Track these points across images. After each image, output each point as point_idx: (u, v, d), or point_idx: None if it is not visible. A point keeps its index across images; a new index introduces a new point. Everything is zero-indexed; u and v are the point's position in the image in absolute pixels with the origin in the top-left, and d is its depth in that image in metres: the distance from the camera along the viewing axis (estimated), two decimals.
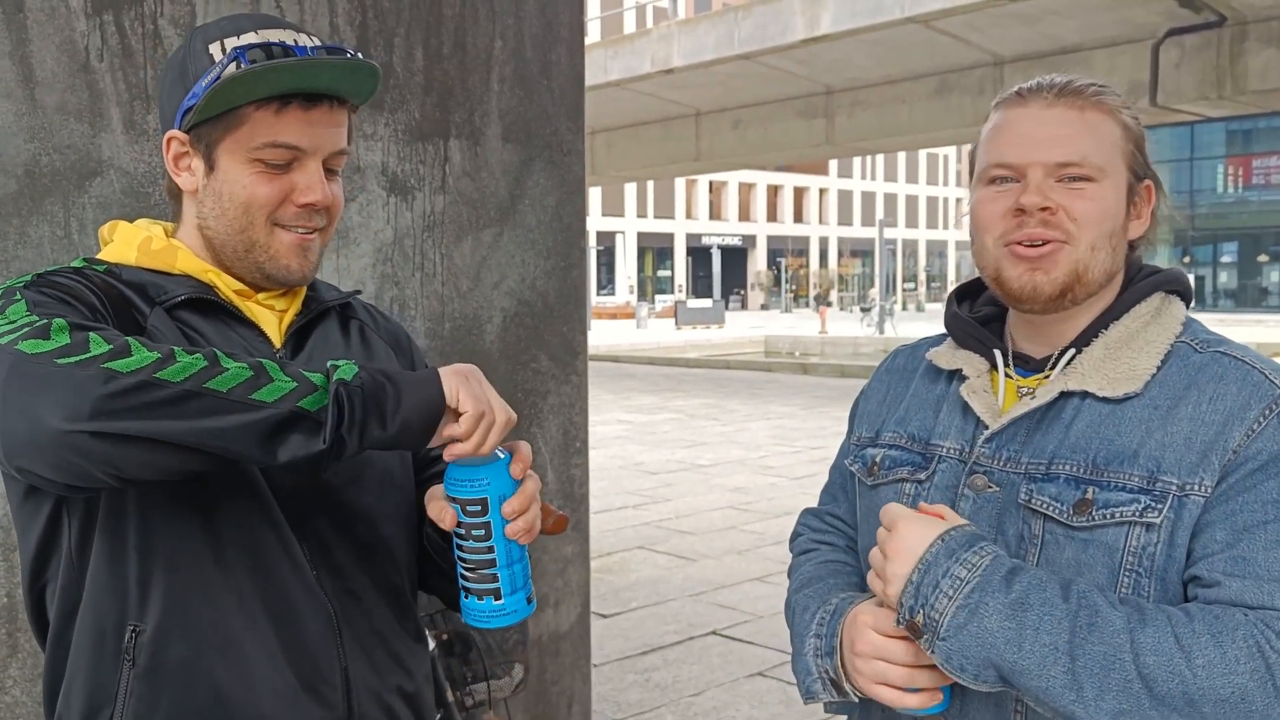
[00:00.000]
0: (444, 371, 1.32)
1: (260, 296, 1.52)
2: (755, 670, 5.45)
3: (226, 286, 1.49)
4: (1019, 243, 1.41)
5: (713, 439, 13.67)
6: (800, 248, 78.16)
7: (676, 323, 43.34)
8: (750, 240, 75.73)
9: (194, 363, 1.18)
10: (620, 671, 5.48)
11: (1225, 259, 47.88)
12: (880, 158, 79.48)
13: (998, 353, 1.49)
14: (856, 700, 1.42)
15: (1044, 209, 1.39)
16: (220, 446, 1.19)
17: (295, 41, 1.41)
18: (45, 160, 2.38)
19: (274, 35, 1.41)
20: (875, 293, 51.47)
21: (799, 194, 78.24)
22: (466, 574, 1.40)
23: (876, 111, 19.65)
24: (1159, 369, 1.38)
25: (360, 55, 1.43)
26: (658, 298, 64.52)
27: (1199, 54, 15.85)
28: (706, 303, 50.88)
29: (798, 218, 78.40)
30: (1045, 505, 1.35)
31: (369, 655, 1.50)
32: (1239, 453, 1.28)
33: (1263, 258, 46.73)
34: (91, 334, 1.18)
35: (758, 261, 76.20)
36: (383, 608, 1.53)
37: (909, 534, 1.30)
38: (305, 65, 1.38)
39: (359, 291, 1.72)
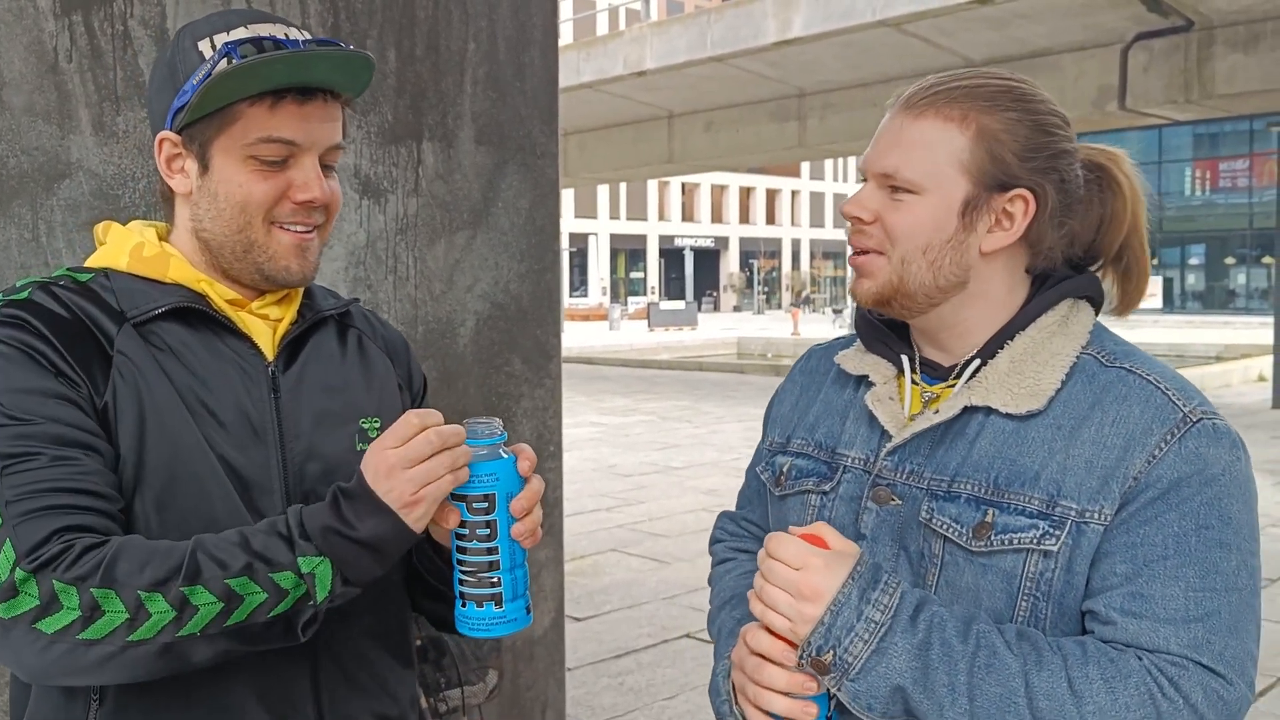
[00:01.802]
0: (387, 496, 1.28)
1: (254, 305, 1.48)
2: None
3: (219, 296, 1.45)
4: (852, 249, 1.43)
5: (685, 441, 13.68)
6: (773, 249, 78.32)
7: (649, 324, 43.32)
8: (723, 242, 75.80)
9: (164, 615, 1.21)
10: (594, 675, 5.47)
11: (1193, 261, 48.28)
12: (852, 160, 79.77)
13: (905, 358, 1.46)
14: None
15: (856, 218, 1.39)
16: (200, 667, 1.26)
17: (286, 35, 1.38)
18: (13, 162, 2.35)
19: (264, 29, 1.38)
20: (848, 294, 51.54)
21: (771, 196, 78.39)
22: (466, 578, 1.35)
23: (848, 114, 19.69)
24: (1064, 384, 1.33)
25: (352, 46, 1.40)
26: (630, 299, 64.51)
27: (1167, 58, 15.97)
28: (679, 304, 50.89)
29: (770, 219, 78.55)
30: (945, 527, 1.32)
31: (351, 680, 1.47)
32: (1139, 479, 1.25)
33: (1230, 260, 47.16)
34: (57, 584, 1.20)
35: (730, 263, 76.26)
36: (372, 630, 1.50)
37: (823, 574, 1.25)
38: (298, 58, 1.35)
39: (358, 299, 1.68)
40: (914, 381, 1.45)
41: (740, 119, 21.73)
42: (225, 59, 1.34)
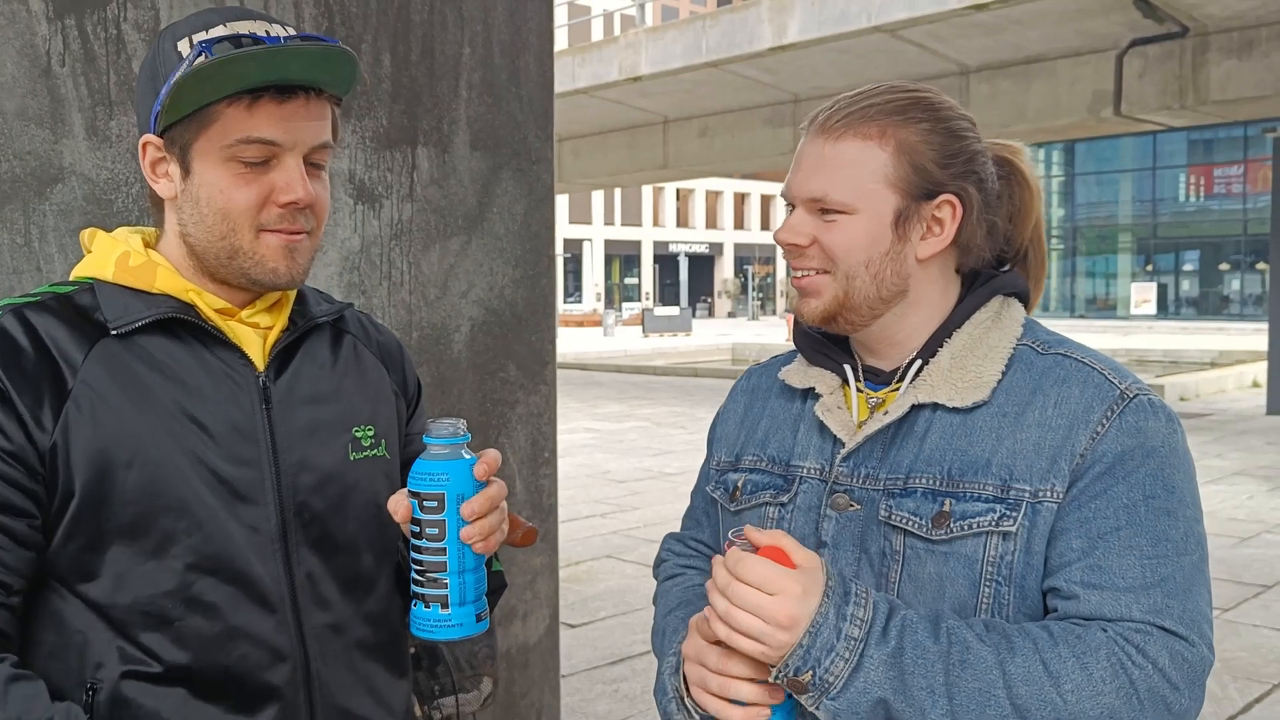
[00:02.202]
0: None
1: (244, 314, 1.45)
2: None
3: (208, 306, 1.42)
4: (792, 271, 1.46)
5: (680, 447, 13.66)
6: (767, 255, 78.34)
7: (644, 330, 43.27)
8: (717, 248, 75.85)
9: None
10: (589, 682, 5.45)
11: (1187, 267, 48.33)
12: None
13: (848, 368, 1.49)
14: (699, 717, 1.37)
15: (793, 244, 1.42)
16: None
17: (267, 32, 1.34)
18: (5, 167, 2.33)
19: (243, 27, 1.34)
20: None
21: (766, 202, 78.44)
22: (417, 578, 1.34)
23: None
24: (1004, 374, 1.38)
25: (335, 41, 1.36)
26: (625, 305, 64.46)
27: (1162, 64, 15.99)
28: (674, 310, 50.80)
29: (764, 225, 78.58)
30: (904, 520, 1.35)
31: (345, 690, 1.46)
32: (1086, 456, 1.30)
33: (1224, 266, 47.20)
34: None
35: (725, 269, 76.31)
36: (365, 640, 1.49)
37: (799, 601, 1.22)
38: (271, 54, 1.31)
39: (351, 304, 1.66)
40: (859, 389, 1.49)
41: (735, 125, 21.73)
42: (200, 57, 1.31)
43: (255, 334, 1.46)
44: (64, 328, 1.35)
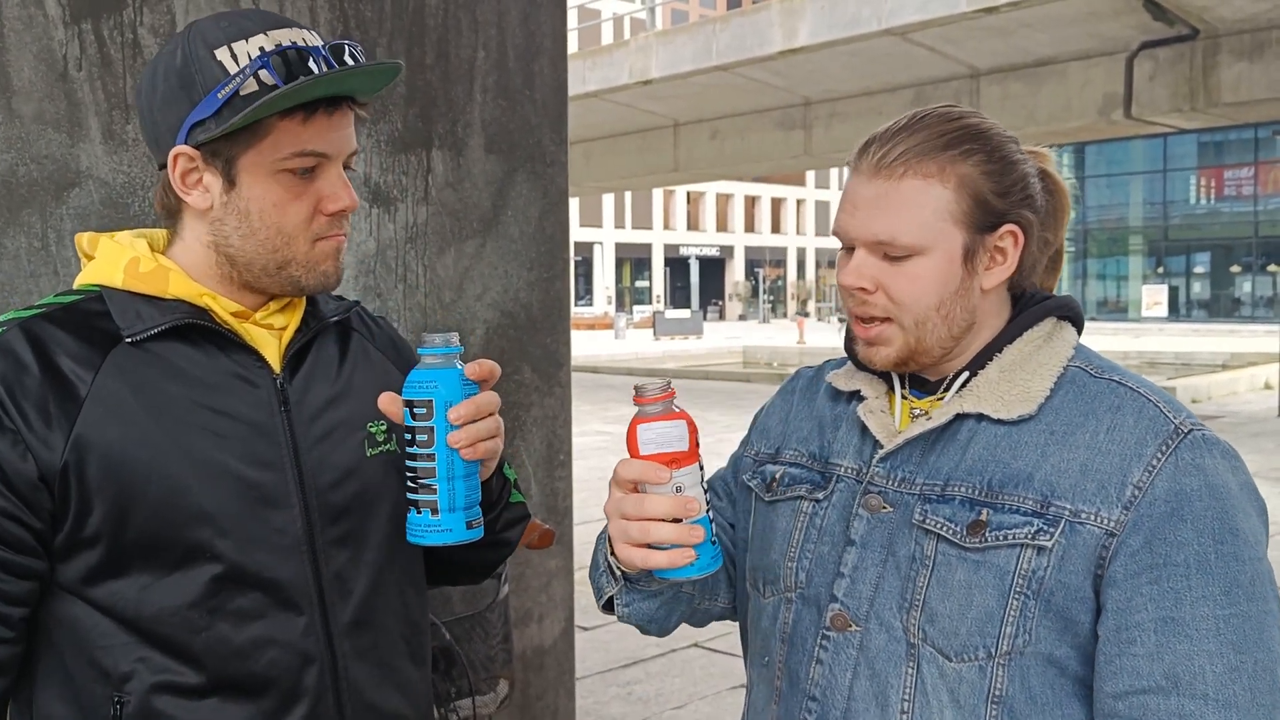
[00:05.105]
0: None
1: (258, 316, 1.45)
2: (738, 682, 5.44)
3: (223, 310, 1.41)
4: (855, 317, 1.43)
5: None
6: (778, 258, 78.35)
7: (655, 333, 43.31)
8: (728, 251, 75.90)
9: None
10: (603, 685, 5.45)
11: (1198, 270, 48.18)
12: None
13: (895, 375, 1.49)
14: (626, 581, 1.42)
15: (860, 288, 1.39)
16: None
17: (305, 41, 1.34)
18: (22, 170, 2.34)
19: (284, 37, 1.33)
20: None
21: (776, 205, 78.46)
22: (411, 484, 1.37)
23: (854, 123, 19.64)
24: (1053, 392, 1.37)
25: (360, 49, 1.38)
26: (635, 308, 64.57)
27: (1172, 67, 15.96)
28: (684, 313, 50.86)
29: (775, 228, 78.61)
30: (939, 525, 1.35)
31: (376, 690, 1.46)
32: (1143, 489, 1.27)
33: (1235, 268, 47.04)
34: None
35: (735, 272, 76.34)
36: (393, 634, 1.50)
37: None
38: (344, 78, 1.34)
39: (358, 303, 1.67)
40: (904, 396, 1.48)
41: (746, 128, 21.73)
42: (256, 75, 1.30)
43: (270, 335, 1.46)
44: (74, 339, 1.34)
